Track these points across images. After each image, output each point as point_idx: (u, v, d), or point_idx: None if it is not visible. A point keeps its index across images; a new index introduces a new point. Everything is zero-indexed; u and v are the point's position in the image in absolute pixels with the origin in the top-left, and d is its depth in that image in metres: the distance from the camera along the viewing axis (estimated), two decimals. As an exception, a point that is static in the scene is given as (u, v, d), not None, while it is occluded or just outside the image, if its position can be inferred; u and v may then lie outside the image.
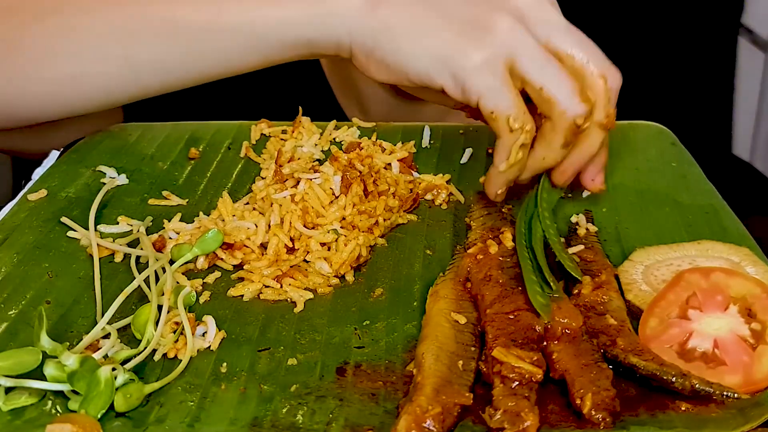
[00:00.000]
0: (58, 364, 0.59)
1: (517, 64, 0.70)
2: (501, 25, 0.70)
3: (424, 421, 0.54)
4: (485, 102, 0.70)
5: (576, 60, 0.71)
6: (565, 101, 0.70)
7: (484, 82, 0.70)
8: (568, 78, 0.70)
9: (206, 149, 0.92)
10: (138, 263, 0.72)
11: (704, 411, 0.57)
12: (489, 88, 0.70)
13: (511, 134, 0.71)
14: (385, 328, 0.66)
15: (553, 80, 0.70)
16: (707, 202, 0.81)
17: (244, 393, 0.59)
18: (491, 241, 0.70)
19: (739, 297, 0.63)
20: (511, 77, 0.71)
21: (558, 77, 0.70)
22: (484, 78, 0.70)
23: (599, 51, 0.72)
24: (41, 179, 0.86)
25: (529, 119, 0.71)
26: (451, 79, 0.71)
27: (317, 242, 0.73)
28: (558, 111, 0.70)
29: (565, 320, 0.61)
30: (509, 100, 0.70)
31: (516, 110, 0.70)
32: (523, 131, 0.71)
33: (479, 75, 0.69)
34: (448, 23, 0.71)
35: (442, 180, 0.85)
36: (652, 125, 0.95)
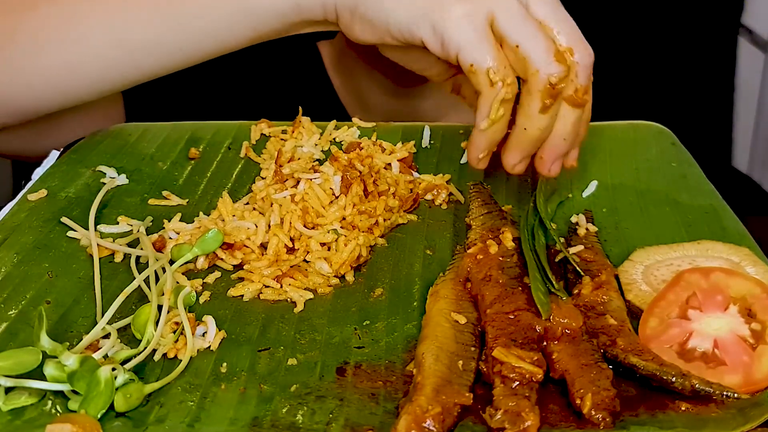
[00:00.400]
0: (58, 364, 0.59)
1: (496, 20, 0.70)
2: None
3: (424, 421, 0.54)
4: (464, 55, 0.70)
5: (548, 30, 0.71)
6: (539, 60, 0.69)
7: (463, 34, 0.70)
8: (545, 38, 0.70)
9: (206, 149, 0.92)
10: (138, 263, 0.72)
11: (704, 411, 0.57)
12: (468, 40, 0.70)
13: (492, 88, 0.71)
14: (385, 328, 0.66)
15: (528, 38, 0.69)
16: (707, 202, 0.81)
17: (244, 393, 0.59)
18: (491, 241, 0.70)
19: (739, 297, 0.63)
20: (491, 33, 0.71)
21: (534, 36, 0.70)
22: (463, 30, 0.70)
23: (575, 26, 0.72)
24: (41, 179, 0.86)
25: (509, 73, 0.71)
26: (431, 31, 0.71)
27: (317, 242, 0.73)
28: (532, 70, 0.70)
29: (565, 320, 0.61)
30: (489, 52, 0.70)
31: (496, 63, 0.70)
32: (504, 84, 0.70)
33: (459, 27, 0.70)
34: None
35: (442, 180, 0.85)
36: (652, 125, 0.95)
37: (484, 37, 0.70)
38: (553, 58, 0.69)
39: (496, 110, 0.71)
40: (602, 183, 0.85)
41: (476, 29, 0.70)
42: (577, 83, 0.72)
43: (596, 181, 0.84)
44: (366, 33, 0.76)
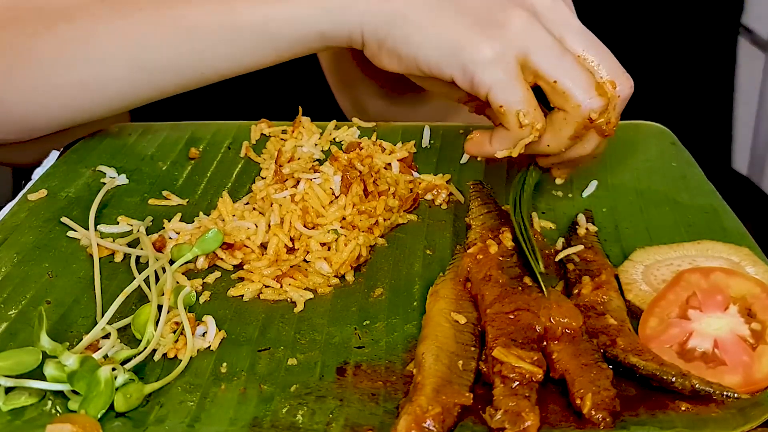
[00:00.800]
0: (58, 364, 0.59)
1: (531, 59, 0.70)
2: (515, 20, 0.69)
3: (424, 421, 0.54)
4: (495, 95, 0.70)
5: (588, 62, 0.71)
6: (581, 95, 0.69)
7: (494, 75, 0.69)
8: (584, 71, 0.70)
9: (206, 149, 0.92)
10: (138, 263, 0.72)
11: (704, 411, 0.57)
12: (499, 81, 0.69)
13: (521, 130, 0.71)
14: (385, 328, 0.66)
15: (568, 73, 0.69)
16: (707, 202, 0.81)
17: (244, 393, 0.59)
18: (491, 240, 0.70)
19: (738, 297, 0.63)
20: (523, 73, 0.70)
21: (573, 70, 0.69)
22: (494, 71, 0.69)
23: (612, 56, 0.72)
24: (41, 179, 0.86)
25: (540, 117, 0.71)
26: (461, 70, 0.70)
27: (317, 242, 0.73)
28: (573, 104, 0.70)
29: (565, 320, 0.61)
30: (520, 94, 0.70)
31: (527, 105, 0.70)
32: (533, 129, 0.71)
33: (490, 68, 0.69)
34: (461, 15, 0.71)
35: (442, 180, 0.85)
36: (652, 125, 0.95)
37: (514, 78, 0.70)
38: (595, 92, 0.70)
39: (519, 149, 0.72)
40: (602, 183, 0.85)
41: (506, 70, 0.69)
42: (612, 115, 0.72)
43: (596, 181, 0.84)
44: (393, 64, 0.75)
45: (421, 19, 0.71)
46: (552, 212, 0.80)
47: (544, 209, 0.81)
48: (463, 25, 0.70)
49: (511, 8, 0.70)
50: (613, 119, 0.72)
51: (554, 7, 0.71)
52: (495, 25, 0.70)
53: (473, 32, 0.70)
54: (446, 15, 0.71)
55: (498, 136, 0.73)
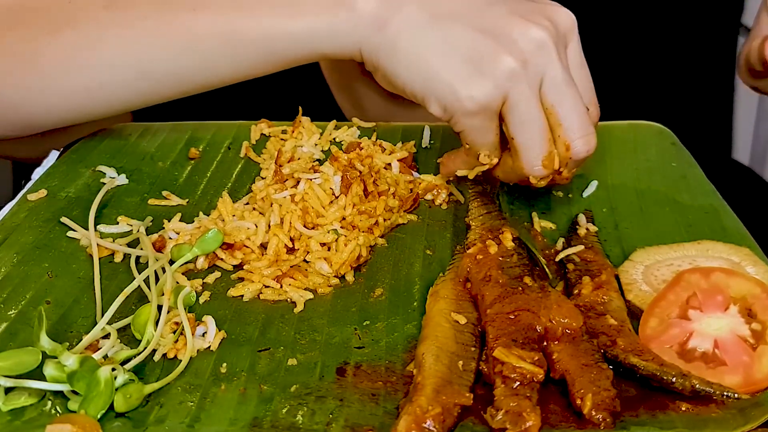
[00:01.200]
0: (58, 365, 0.59)
1: (505, 107, 0.71)
2: (502, 68, 0.70)
3: (424, 421, 0.54)
4: (466, 136, 0.74)
5: (554, 116, 0.72)
6: (528, 161, 0.72)
7: (471, 122, 0.72)
8: (543, 141, 0.72)
9: (206, 149, 0.92)
10: (138, 263, 0.72)
11: (704, 411, 0.57)
12: (473, 129, 0.73)
13: (480, 160, 0.75)
14: (385, 328, 0.66)
15: (525, 139, 0.72)
16: (707, 202, 0.81)
17: (243, 393, 0.59)
18: (491, 241, 0.70)
19: (739, 297, 0.63)
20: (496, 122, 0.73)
21: (531, 137, 0.71)
22: (471, 120, 0.72)
23: (581, 113, 0.72)
24: (41, 179, 0.86)
25: (497, 153, 0.75)
26: (441, 109, 0.73)
27: (317, 242, 0.73)
28: (521, 162, 0.73)
29: (565, 320, 0.61)
30: (488, 142, 0.74)
31: (492, 149, 0.75)
32: (490, 162, 0.75)
33: (468, 115, 0.71)
34: (450, 54, 0.71)
35: (441, 180, 0.84)
36: (653, 125, 0.95)
37: (488, 127, 0.73)
38: (540, 163, 0.72)
39: (474, 173, 0.78)
40: (602, 183, 0.85)
41: (483, 122, 0.72)
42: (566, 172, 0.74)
43: (596, 181, 0.84)
44: (386, 84, 0.78)
45: (410, 52, 0.73)
46: (552, 212, 0.80)
47: (544, 209, 0.81)
48: (449, 66, 0.71)
49: (501, 54, 0.70)
50: (566, 173, 0.74)
51: (542, 53, 0.71)
52: (480, 72, 0.70)
53: (458, 75, 0.71)
54: (434, 52, 0.72)
55: (458, 158, 0.79)
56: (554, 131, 0.72)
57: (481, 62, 0.70)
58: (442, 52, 0.72)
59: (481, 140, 0.73)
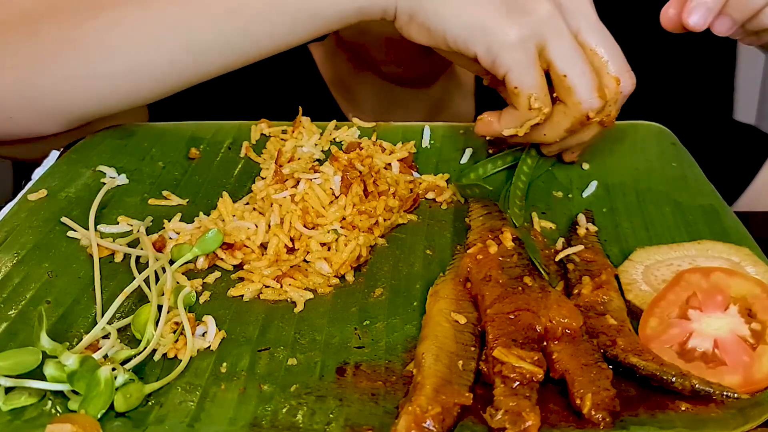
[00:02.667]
0: (58, 364, 0.59)
1: (548, 49, 0.74)
2: (541, 9, 0.73)
3: (424, 421, 0.54)
4: (512, 76, 0.74)
5: (598, 56, 0.76)
6: (584, 93, 0.74)
7: (515, 58, 0.73)
8: (591, 72, 0.74)
9: (206, 149, 0.92)
10: (138, 263, 0.72)
11: (704, 411, 0.57)
12: (518, 64, 0.74)
13: (529, 112, 0.75)
14: (385, 328, 0.66)
15: (577, 71, 0.74)
16: (707, 202, 0.81)
17: (243, 393, 0.59)
18: (491, 241, 0.70)
19: (739, 297, 0.63)
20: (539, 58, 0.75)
21: (582, 70, 0.74)
22: (515, 54, 0.73)
23: (620, 53, 0.77)
24: (41, 179, 0.86)
25: (548, 102, 0.75)
26: (486, 49, 0.74)
27: (317, 242, 0.73)
28: (574, 100, 0.74)
29: (565, 320, 0.61)
30: (534, 79, 0.74)
31: (539, 91, 0.75)
32: (540, 113, 0.75)
33: (512, 51, 0.73)
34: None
35: (442, 180, 0.84)
36: (652, 125, 0.95)
37: (533, 64, 0.74)
38: (596, 94, 0.74)
39: (525, 129, 0.77)
40: (602, 183, 0.85)
41: (527, 55, 0.74)
42: (614, 108, 0.77)
43: (596, 181, 0.85)
44: (422, 37, 0.79)
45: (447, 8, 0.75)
46: (552, 212, 0.80)
47: (544, 209, 0.81)
48: (491, 6, 0.74)
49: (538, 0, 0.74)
50: (614, 113, 0.77)
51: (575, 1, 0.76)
52: (522, 11, 0.73)
53: (501, 15, 0.73)
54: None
55: (507, 116, 0.78)
56: (601, 69, 0.75)
57: (521, 4, 0.73)
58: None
59: (527, 80, 0.74)
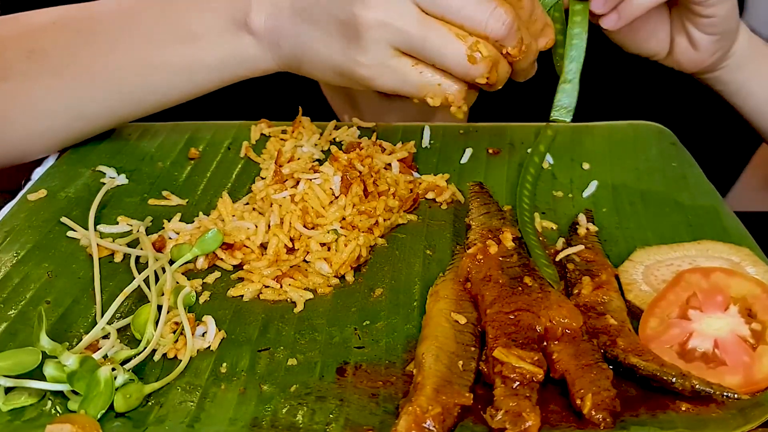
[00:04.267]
0: (58, 365, 0.59)
1: (405, 49, 0.70)
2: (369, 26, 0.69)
3: (424, 421, 0.54)
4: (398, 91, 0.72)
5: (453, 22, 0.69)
6: (459, 69, 0.69)
7: (388, 81, 0.71)
8: (454, 40, 0.69)
9: (206, 149, 0.92)
10: (138, 263, 0.72)
11: (704, 411, 0.57)
12: (394, 81, 0.70)
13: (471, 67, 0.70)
14: (385, 328, 0.66)
15: (438, 53, 0.69)
16: (708, 202, 0.81)
17: (243, 393, 0.59)
18: (491, 241, 0.70)
19: (739, 297, 0.63)
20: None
21: (442, 49, 0.69)
22: (384, 80, 0.71)
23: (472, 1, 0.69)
24: (41, 179, 0.86)
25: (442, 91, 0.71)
26: (360, 84, 0.73)
27: (317, 242, 0.73)
28: (453, 73, 0.70)
29: (565, 320, 0.61)
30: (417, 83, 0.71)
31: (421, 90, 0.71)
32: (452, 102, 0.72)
33: (379, 77, 0.71)
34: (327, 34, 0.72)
35: (442, 180, 0.84)
36: (653, 125, 0.95)
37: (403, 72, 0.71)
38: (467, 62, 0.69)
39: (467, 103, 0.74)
40: (603, 183, 0.85)
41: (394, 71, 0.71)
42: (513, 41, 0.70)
43: (597, 181, 0.84)
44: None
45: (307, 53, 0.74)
46: (552, 212, 0.80)
47: (545, 209, 0.81)
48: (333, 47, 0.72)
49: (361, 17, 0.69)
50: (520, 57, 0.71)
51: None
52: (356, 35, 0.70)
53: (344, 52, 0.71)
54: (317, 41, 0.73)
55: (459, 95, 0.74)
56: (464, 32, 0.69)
57: (353, 31, 0.70)
58: (321, 40, 0.72)
59: (406, 86, 0.71)
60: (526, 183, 0.83)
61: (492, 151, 0.91)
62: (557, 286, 0.67)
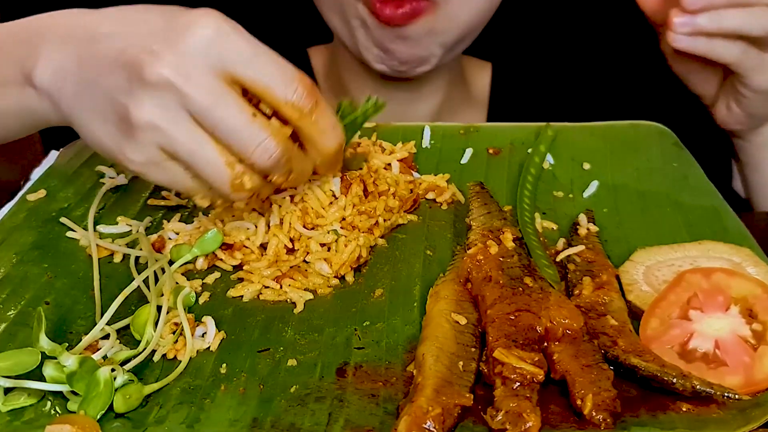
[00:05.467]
0: (58, 365, 0.59)
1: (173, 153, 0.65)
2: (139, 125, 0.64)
3: (425, 421, 0.54)
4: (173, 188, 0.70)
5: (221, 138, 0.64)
6: (221, 191, 0.65)
7: (156, 176, 0.66)
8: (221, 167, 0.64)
9: (206, 149, 0.92)
10: (137, 264, 0.72)
11: (705, 412, 0.56)
12: (167, 180, 0.66)
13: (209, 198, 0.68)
14: (385, 328, 0.66)
15: (204, 172, 0.65)
16: (708, 202, 0.81)
17: (243, 394, 0.59)
18: (491, 241, 0.70)
19: (740, 297, 0.63)
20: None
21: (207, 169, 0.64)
22: (155, 176, 0.66)
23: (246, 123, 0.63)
24: (40, 179, 0.86)
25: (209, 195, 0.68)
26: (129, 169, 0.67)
27: (317, 243, 0.73)
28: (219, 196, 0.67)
29: (566, 321, 0.61)
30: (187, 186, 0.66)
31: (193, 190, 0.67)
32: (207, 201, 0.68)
33: (150, 173, 0.66)
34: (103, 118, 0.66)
35: (442, 180, 0.84)
36: (653, 125, 0.95)
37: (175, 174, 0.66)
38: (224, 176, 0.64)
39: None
40: (603, 183, 0.84)
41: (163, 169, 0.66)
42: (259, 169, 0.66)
43: (597, 182, 0.84)
44: None
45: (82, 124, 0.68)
46: (553, 212, 0.80)
47: (546, 210, 0.81)
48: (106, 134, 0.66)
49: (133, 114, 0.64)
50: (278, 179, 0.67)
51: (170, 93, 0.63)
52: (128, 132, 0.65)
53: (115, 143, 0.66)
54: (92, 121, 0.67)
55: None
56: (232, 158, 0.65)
57: (126, 125, 0.64)
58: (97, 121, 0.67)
59: (177, 186, 0.67)
60: (527, 183, 0.83)
61: (492, 151, 0.91)
62: (558, 286, 0.67)
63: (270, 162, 0.64)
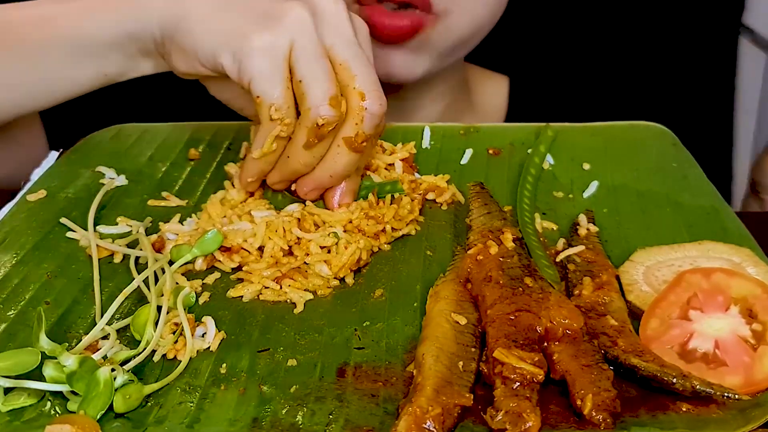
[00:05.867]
0: (58, 365, 0.59)
1: (292, 53, 0.70)
2: (291, 13, 0.70)
3: (425, 421, 0.54)
4: (254, 86, 0.71)
5: (347, 71, 0.71)
6: (315, 99, 0.70)
7: (258, 65, 0.70)
8: (329, 81, 0.70)
9: (206, 150, 0.92)
10: (137, 264, 0.72)
11: (705, 412, 0.56)
12: (261, 72, 0.70)
13: (270, 123, 0.72)
14: (385, 328, 0.66)
15: (313, 76, 0.70)
16: (708, 202, 0.81)
17: (243, 394, 0.59)
18: (491, 241, 0.70)
19: (740, 297, 0.63)
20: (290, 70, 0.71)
21: (319, 76, 0.70)
22: (259, 61, 0.70)
23: (373, 74, 0.73)
24: (40, 180, 0.86)
25: (291, 114, 0.72)
26: (231, 58, 0.71)
27: (317, 245, 0.73)
28: (306, 106, 0.71)
29: (566, 321, 0.61)
30: (276, 88, 0.70)
31: (280, 100, 0.71)
32: (281, 123, 0.71)
33: (255, 58, 0.70)
34: (243, 12, 0.72)
35: (442, 180, 0.84)
36: (653, 126, 0.95)
37: (277, 72, 0.70)
38: (327, 101, 0.70)
39: (269, 144, 0.73)
40: (603, 183, 0.85)
41: (272, 63, 0.70)
42: (361, 128, 0.72)
43: (597, 182, 0.84)
44: (181, 62, 0.77)
45: (205, 16, 0.73)
46: (553, 213, 0.80)
47: (545, 210, 0.81)
48: (241, 19, 0.71)
49: (291, 3, 0.71)
50: (361, 132, 0.72)
51: (335, 12, 0.72)
52: (272, 17, 0.71)
53: (249, 25, 0.71)
54: (228, 11, 0.73)
55: (256, 138, 0.75)
56: (347, 84, 0.71)
57: (272, 13, 0.71)
58: (235, 12, 0.72)
59: (270, 88, 0.70)
60: (527, 183, 0.83)
61: (492, 151, 0.91)
62: (558, 286, 0.67)
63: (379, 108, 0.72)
